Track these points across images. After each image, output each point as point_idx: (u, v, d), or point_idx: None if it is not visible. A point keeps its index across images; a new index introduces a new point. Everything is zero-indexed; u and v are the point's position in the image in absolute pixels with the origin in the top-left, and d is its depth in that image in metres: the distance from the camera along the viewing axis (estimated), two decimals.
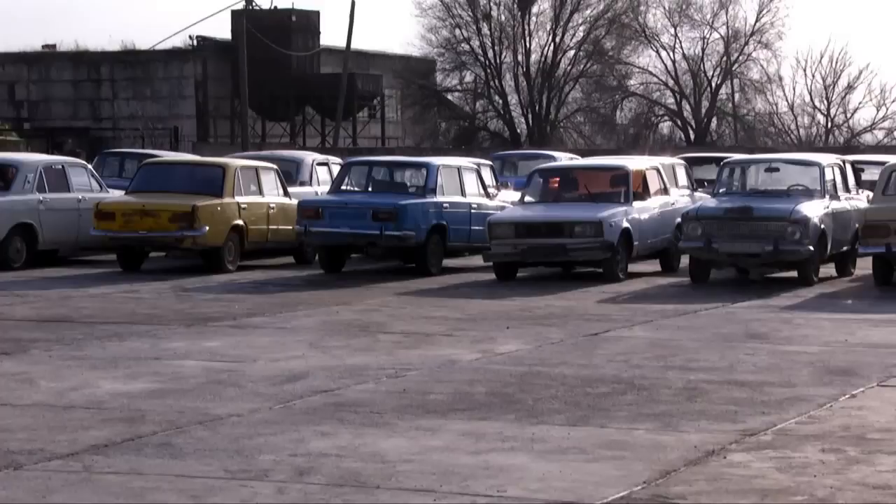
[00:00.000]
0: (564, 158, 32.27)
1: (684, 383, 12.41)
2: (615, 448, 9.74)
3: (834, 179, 22.70)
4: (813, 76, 69.11)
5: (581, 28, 66.35)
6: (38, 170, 24.99)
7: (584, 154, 40.33)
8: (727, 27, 67.64)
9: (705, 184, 26.03)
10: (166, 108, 55.94)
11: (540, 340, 15.38)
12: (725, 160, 25.66)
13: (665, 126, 69.88)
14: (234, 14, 56.16)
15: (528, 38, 66.14)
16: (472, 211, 23.85)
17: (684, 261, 22.57)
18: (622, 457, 9.46)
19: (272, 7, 56.70)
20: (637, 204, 22.64)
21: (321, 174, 27.74)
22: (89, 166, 27.17)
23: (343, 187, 24.56)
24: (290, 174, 26.43)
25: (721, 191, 22.89)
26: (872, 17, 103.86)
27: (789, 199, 21.84)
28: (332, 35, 58.02)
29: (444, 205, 23.52)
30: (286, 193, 24.95)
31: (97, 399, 11.67)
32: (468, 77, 67.75)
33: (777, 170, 23.84)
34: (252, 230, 24.04)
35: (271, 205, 24.47)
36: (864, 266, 22.00)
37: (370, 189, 24.30)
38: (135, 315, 17.80)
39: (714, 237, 21.08)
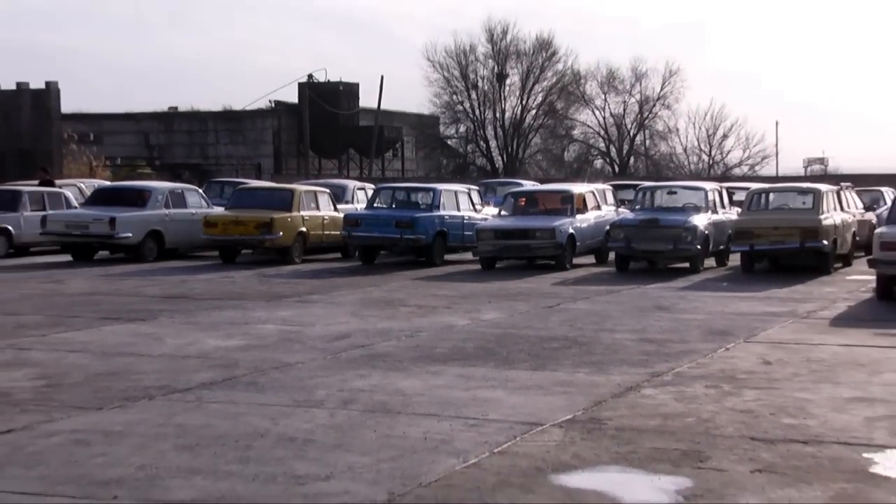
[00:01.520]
0: (528, 185, 32.15)
1: (611, 340, 12.44)
2: (563, 386, 9.78)
3: (714, 199, 22.70)
4: (699, 128, 69.35)
5: (540, 94, 66.41)
6: (165, 193, 25.09)
7: (542, 181, 40.38)
8: (640, 94, 67.80)
9: (626, 202, 25.96)
10: (252, 149, 55.87)
11: (511, 311, 15.40)
12: (640, 186, 25.69)
13: (598, 162, 69.71)
14: (300, 85, 56.21)
15: (503, 101, 66.24)
16: (465, 221, 23.81)
17: (612, 256, 22.56)
18: (568, 391, 9.51)
19: (326, 80, 56.74)
20: (579, 216, 22.59)
21: (360, 196, 27.75)
22: (200, 190, 27.21)
23: (375, 205, 24.54)
24: (338, 196, 26.40)
25: (637, 207, 22.88)
26: (741, 86, 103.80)
27: (684, 213, 21.84)
28: (367, 98, 57.85)
29: (445, 217, 23.48)
30: (335, 209, 24.92)
31: (204, 351, 11.73)
32: (462, 128, 67.81)
33: (675, 193, 23.87)
34: (312, 234, 24.05)
35: (325, 217, 24.44)
36: (734, 260, 22.03)
37: (393, 206, 24.23)
38: (230, 293, 17.83)
39: (632, 239, 21.10)
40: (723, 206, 23.09)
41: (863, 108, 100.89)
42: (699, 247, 21.01)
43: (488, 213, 24.60)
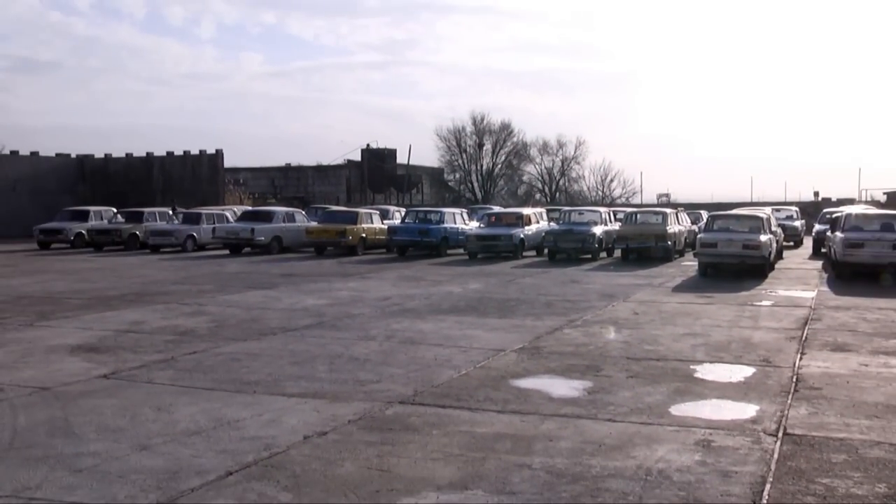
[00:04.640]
0: (496, 209, 31.84)
1: (545, 301, 12.40)
2: (518, 328, 9.74)
3: (606, 217, 22.72)
4: (597, 175, 69.00)
5: (503, 155, 66.05)
6: (283, 213, 25.07)
7: (504, 207, 40.19)
8: (562, 155, 67.46)
9: (554, 219, 25.81)
10: (334, 188, 55.36)
11: (486, 283, 15.33)
12: (562, 209, 25.63)
13: (538, 195, 69.07)
14: (362, 150, 55.88)
15: (481, 160, 65.87)
16: (459, 230, 23.68)
17: (546, 251, 22.42)
18: (520, 331, 9.47)
19: (377, 147, 56.52)
20: (526, 227, 22.46)
21: (397, 215, 27.55)
22: (303, 212, 27.09)
23: (405, 220, 24.39)
24: (384, 215, 26.29)
25: (560, 222, 22.81)
26: (623, 150, 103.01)
27: (588, 225, 21.76)
28: (401, 157, 57.10)
29: (448, 227, 23.33)
30: (382, 222, 24.78)
31: (304, 307, 11.67)
32: (456, 175, 67.47)
33: (583, 213, 23.73)
34: (369, 238, 23.85)
35: (376, 227, 24.24)
36: (618, 253, 21.92)
37: (417, 221, 24.10)
38: (320, 272, 17.74)
39: (558, 241, 21.02)
40: (611, 221, 23.06)
41: (691, 163, 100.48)
42: (597, 245, 20.95)
43: (473, 225, 24.53)
